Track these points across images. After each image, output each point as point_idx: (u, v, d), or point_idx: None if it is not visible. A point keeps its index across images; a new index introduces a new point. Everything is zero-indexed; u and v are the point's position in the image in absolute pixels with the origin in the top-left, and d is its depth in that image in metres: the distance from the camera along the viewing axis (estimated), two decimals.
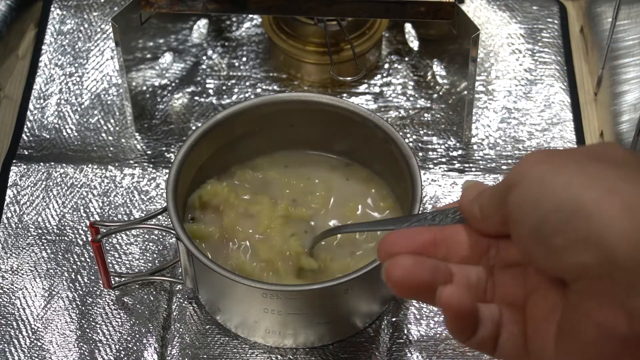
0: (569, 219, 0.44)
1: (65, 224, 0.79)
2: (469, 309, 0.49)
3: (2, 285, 0.75)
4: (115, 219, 0.79)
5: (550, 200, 0.45)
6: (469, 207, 0.52)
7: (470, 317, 0.49)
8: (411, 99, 0.87)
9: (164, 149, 0.83)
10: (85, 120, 0.85)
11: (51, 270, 0.76)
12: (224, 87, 0.88)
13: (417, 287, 0.50)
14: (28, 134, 0.84)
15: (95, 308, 0.74)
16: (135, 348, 0.72)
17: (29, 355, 0.72)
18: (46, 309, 0.74)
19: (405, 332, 0.73)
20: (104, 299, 0.75)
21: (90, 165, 0.82)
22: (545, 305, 0.49)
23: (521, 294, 0.51)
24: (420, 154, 0.83)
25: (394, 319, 0.74)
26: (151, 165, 0.82)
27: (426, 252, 0.51)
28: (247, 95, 0.87)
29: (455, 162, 0.82)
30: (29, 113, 0.86)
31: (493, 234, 0.51)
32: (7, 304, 0.74)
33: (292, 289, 0.67)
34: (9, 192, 0.80)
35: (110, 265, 0.76)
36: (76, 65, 0.89)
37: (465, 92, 0.80)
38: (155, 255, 0.77)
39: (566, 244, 0.45)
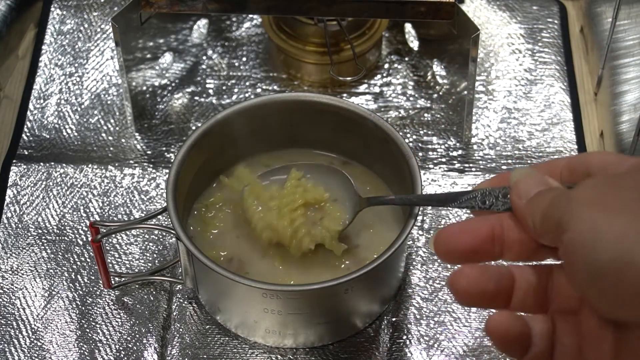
0: (624, 275, 0.43)
1: (65, 224, 0.79)
2: (517, 335, 0.49)
3: (2, 285, 0.75)
4: (115, 219, 0.79)
5: (604, 253, 0.44)
6: (522, 215, 0.51)
7: (519, 341, 0.49)
8: (411, 99, 0.87)
9: (164, 149, 0.83)
10: (85, 120, 0.85)
11: (51, 270, 0.76)
12: (224, 87, 0.88)
13: (481, 297, 0.50)
14: (28, 134, 0.84)
15: (95, 308, 0.74)
16: (135, 348, 0.72)
17: (29, 355, 0.72)
18: (46, 309, 0.74)
19: (405, 332, 0.73)
20: (104, 299, 0.75)
21: (90, 165, 0.82)
22: (598, 320, 0.48)
23: (575, 297, 0.50)
24: (420, 154, 0.83)
25: (394, 319, 0.74)
26: (151, 165, 0.82)
27: (484, 249, 0.51)
28: (247, 95, 0.87)
29: (455, 162, 0.82)
30: (29, 113, 0.86)
31: (536, 246, 0.51)
32: (7, 304, 0.74)
33: (292, 289, 0.67)
34: (9, 192, 0.80)
35: (110, 265, 0.76)
36: (76, 65, 0.89)
37: (465, 92, 0.80)
38: (155, 255, 0.77)
39: (622, 298, 0.44)
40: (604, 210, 0.45)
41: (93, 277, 0.76)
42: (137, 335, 0.73)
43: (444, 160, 0.83)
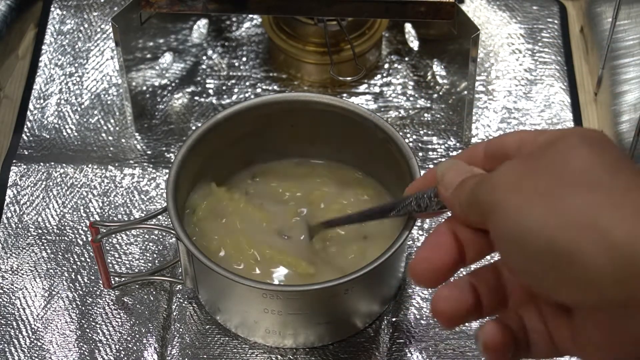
0: (553, 264, 0.44)
1: (65, 224, 0.79)
2: (511, 344, 0.49)
3: (2, 285, 0.75)
4: (115, 219, 0.79)
5: (530, 243, 0.44)
6: (450, 205, 0.52)
7: (509, 350, 0.49)
8: (411, 99, 0.87)
9: (164, 149, 0.83)
10: (85, 120, 0.85)
11: (51, 270, 0.76)
12: (224, 87, 0.88)
13: (466, 314, 0.50)
14: (28, 134, 0.84)
15: (95, 308, 0.74)
16: (135, 348, 0.72)
17: (29, 355, 0.72)
18: (46, 309, 0.74)
19: (405, 332, 0.73)
20: (104, 299, 0.75)
21: (90, 165, 0.82)
22: (559, 318, 0.49)
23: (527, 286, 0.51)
24: (420, 154, 0.83)
25: (394, 319, 0.74)
26: (151, 165, 0.82)
27: (454, 260, 0.51)
28: (247, 95, 0.87)
29: None
30: (29, 113, 0.86)
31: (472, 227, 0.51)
32: (7, 304, 0.74)
33: (292, 289, 0.67)
34: (9, 192, 0.80)
35: (110, 265, 0.76)
36: (76, 65, 0.89)
37: (465, 92, 0.80)
38: (155, 255, 0.77)
39: (557, 285, 0.44)
40: (523, 197, 0.45)
41: (93, 277, 0.76)
42: (137, 335, 0.73)
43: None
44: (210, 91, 0.87)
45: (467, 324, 0.73)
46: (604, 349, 0.46)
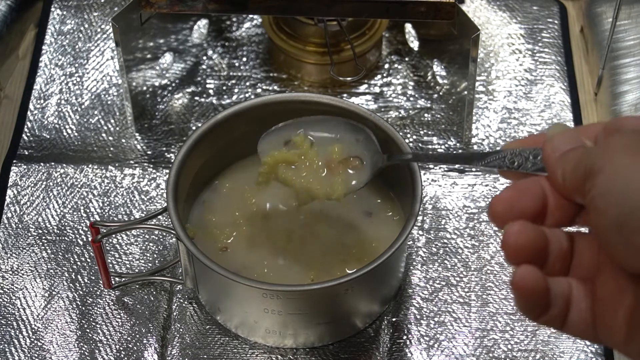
0: None
1: (66, 224, 0.79)
2: (541, 293, 0.48)
3: (2, 285, 0.75)
4: (115, 219, 0.79)
5: (635, 197, 0.44)
6: (553, 168, 0.50)
7: (541, 299, 0.48)
8: (411, 99, 0.87)
9: (164, 149, 0.83)
10: (85, 120, 0.85)
11: (51, 271, 0.76)
12: (224, 87, 0.88)
13: (532, 255, 0.49)
14: (28, 134, 0.84)
15: (96, 308, 0.74)
16: (135, 348, 0.72)
17: (29, 355, 0.72)
18: (46, 309, 0.74)
19: (405, 332, 0.73)
20: (104, 299, 0.75)
21: (90, 166, 0.82)
22: (615, 287, 0.48)
23: (594, 265, 0.50)
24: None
25: (394, 319, 0.74)
26: (151, 166, 0.82)
27: (537, 210, 0.50)
28: (247, 95, 0.87)
29: None
30: (29, 113, 0.86)
31: (569, 199, 0.50)
32: (7, 304, 0.74)
33: (292, 289, 0.67)
34: (9, 192, 0.80)
35: (111, 265, 0.76)
36: (76, 65, 0.89)
37: (466, 92, 0.80)
38: (155, 256, 0.77)
39: None
40: (635, 158, 0.45)
41: (93, 277, 0.76)
42: (138, 336, 0.73)
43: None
44: (211, 91, 0.87)
45: (467, 325, 0.73)
46: None
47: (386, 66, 0.89)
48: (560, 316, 0.49)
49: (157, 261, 0.77)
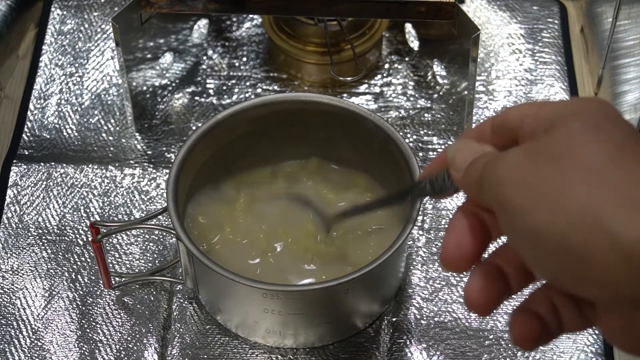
0: (566, 262, 0.43)
1: (66, 224, 0.79)
2: (539, 334, 0.49)
3: (2, 285, 0.75)
4: (115, 219, 0.79)
5: (541, 242, 0.43)
6: (462, 185, 0.51)
7: (542, 338, 0.49)
8: (411, 99, 0.87)
9: (164, 149, 0.83)
10: (85, 120, 0.85)
11: (51, 270, 0.76)
12: (224, 87, 0.88)
13: (497, 300, 0.50)
14: (28, 134, 0.84)
15: (96, 308, 0.74)
16: (135, 348, 0.72)
17: (29, 355, 0.72)
18: (46, 309, 0.74)
19: (405, 332, 0.73)
20: (104, 299, 0.75)
21: (90, 165, 0.82)
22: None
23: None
24: (420, 154, 0.83)
25: (394, 319, 0.74)
26: (151, 166, 0.82)
27: (483, 244, 0.51)
28: (247, 95, 0.87)
29: None
30: (29, 113, 0.86)
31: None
32: (8, 304, 0.74)
33: (292, 289, 0.67)
34: (9, 192, 0.80)
35: (111, 265, 0.76)
36: (76, 65, 0.89)
37: (466, 92, 0.80)
38: (155, 255, 0.77)
39: (573, 282, 0.44)
40: (529, 196, 0.44)
41: (93, 277, 0.76)
42: (138, 335, 0.73)
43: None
44: (211, 91, 0.87)
45: (467, 324, 0.73)
46: (627, 333, 0.45)
47: (386, 66, 0.89)
48: (554, 330, 0.50)
49: (157, 261, 0.77)
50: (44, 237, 0.78)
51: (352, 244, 0.73)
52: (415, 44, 0.90)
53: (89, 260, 0.77)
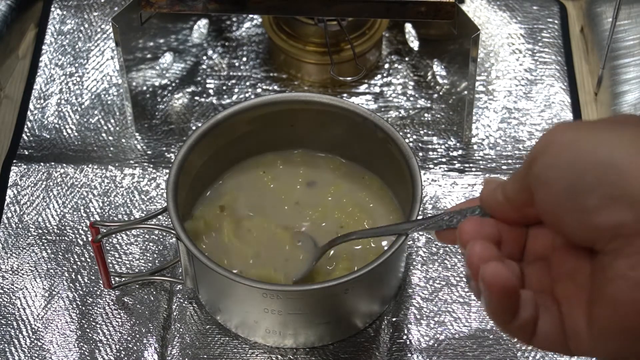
0: (603, 177, 0.45)
1: (66, 224, 0.79)
2: (513, 287, 0.49)
3: (2, 285, 0.75)
4: (115, 219, 0.79)
5: (582, 160, 0.46)
6: (492, 196, 0.52)
7: (513, 296, 0.49)
8: (411, 99, 0.87)
9: (164, 149, 0.83)
10: (85, 120, 0.85)
11: (51, 270, 0.76)
12: (224, 87, 0.88)
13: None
14: (28, 134, 0.84)
15: (96, 308, 0.74)
16: (135, 348, 0.72)
17: (29, 355, 0.72)
18: (46, 309, 0.74)
19: (405, 332, 0.73)
20: (104, 299, 0.75)
21: (90, 165, 0.82)
22: (574, 286, 0.49)
23: (548, 283, 0.51)
24: (420, 154, 0.83)
25: (394, 319, 0.74)
26: (151, 165, 0.82)
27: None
28: (247, 95, 0.87)
29: (455, 162, 0.82)
30: (29, 113, 0.86)
31: (517, 219, 0.52)
32: (7, 304, 0.74)
33: (292, 288, 0.67)
34: (9, 192, 0.80)
35: (111, 265, 0.76)
36: (76, 65, 0.89)
37: (466, 92, 0.80)
38: (155, 255, 0.77)
39: (601, 203, 0.45)
40: (579, 131, 0.47)
41: (93, 277, 0.76)
42: (138, 335, 0.73)
43: (444, 160, 0.83)
44: (211, 91, 0.87)
45: (467, 324, 0.73)
46: (627, 305, 0.46)
47: (386, 66, 0.89)
48: (531, 322, 0.50)
49: (157, 261, 0.77)
50: (44, 237, 0.78)
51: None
52: (415, 44, 0.90)
53: (89, 260, 0.77)
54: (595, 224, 0.46)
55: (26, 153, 0.83)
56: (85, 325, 0.73)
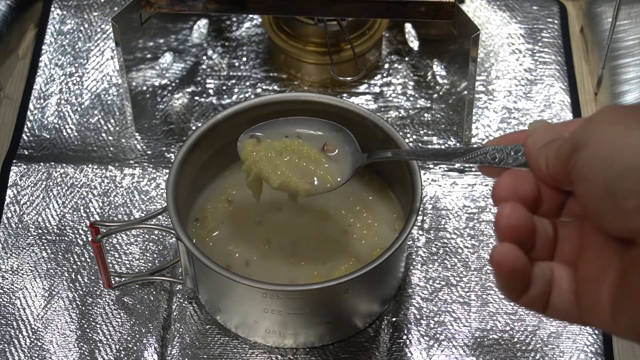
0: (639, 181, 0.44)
1: (66, 224, 0.79)
2: (520, 270, 0.49)
3: (2, 285, 0.75)
4: (115, 219, 0.79)
5: (622, 161, 0.45)
6: (535, 158, 0.51)
7: (521, 276, 0.49)
8: (411, 99, 0.87)
9: (164, 149, 0.83)
10: (85, 120, 0.85)
11: (51, 270, 0.76)
12: (224, 87, 0.88)
13: (522, 232, 0.50)
14: (28, 134, 0.84)
15: (96, 308, 0.74)
16: (135, 348, 0.72)
17: (29, 355, 0.72)
18: (46, 309, 0.74)
19: (405, 332, 0.73)
20: (104, 299, 0.75)
21: (90, 165, 0.82)
22: (598, 264, 0.49)
23: (575, 250, 0.51)
24: None
25: (394, 319, 0.74)
26: (151, 165, 0.82)
27: (533, 197, 0.51)
28: (247, 95, 0.87)
29: None
30: (29, 113, 0.86)
31: (554, 187, 0.51)
32: (7, 304, 0.74)
33: (292, 288, 0.67)
34: (9, 192, 0.80)
35: (111, 265, 0.76)
36: (76, 65, 0.89)
37: (465, 92, 0.80)
38: (155, 255, 0.77)
39: (637, 205, 0.45)
40: (622, 125, 0.46)
41: (93, 277, 0.76)
42: (137, 335, 0.73)
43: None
44: (210, 91, 0.87)
45: (467, 324, 0.73)
46: None
47: (386, 66, 0.89)
48: (542, 297, 0.50)
49: (157, 261, 0.77)
50: (43, 237, 0.78)
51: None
52: (415, 44, 0.90)
53: (88, 260, 0.77)
54: (632, 225, 0.45)
55: (26, 153, 0.83)
56: (85, 325, 0.73)
